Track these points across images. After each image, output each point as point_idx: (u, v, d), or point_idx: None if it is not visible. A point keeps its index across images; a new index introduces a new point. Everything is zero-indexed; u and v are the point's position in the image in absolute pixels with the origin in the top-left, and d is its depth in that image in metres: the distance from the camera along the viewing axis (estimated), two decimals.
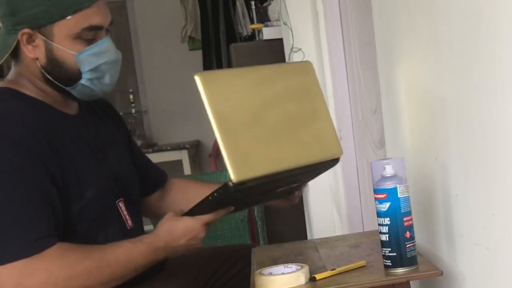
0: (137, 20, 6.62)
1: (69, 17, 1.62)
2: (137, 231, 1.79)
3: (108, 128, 1.84)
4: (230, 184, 1.47)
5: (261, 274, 1.53)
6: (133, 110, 6.50)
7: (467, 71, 1.31)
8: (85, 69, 1.66)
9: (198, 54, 5.83)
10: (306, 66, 1.74)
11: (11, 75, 1.71)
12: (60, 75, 1.66)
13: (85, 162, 1.66)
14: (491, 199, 1.27)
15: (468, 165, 1.38)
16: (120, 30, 6.63)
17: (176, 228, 1.62)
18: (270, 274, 1.53)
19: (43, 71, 1.66)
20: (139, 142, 6.23)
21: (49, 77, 1.67)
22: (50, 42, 1.63)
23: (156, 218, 1.98)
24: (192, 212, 1.63)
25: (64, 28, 1.63)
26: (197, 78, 1.46)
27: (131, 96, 6.48)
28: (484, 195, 1.31)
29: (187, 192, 2.00)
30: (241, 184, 1.46)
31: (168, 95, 6.49)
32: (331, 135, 1.71)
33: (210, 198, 1.57)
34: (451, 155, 1.47)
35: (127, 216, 1.75)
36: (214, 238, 3.05)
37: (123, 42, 6.63)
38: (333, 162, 1.72)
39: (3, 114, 1.60)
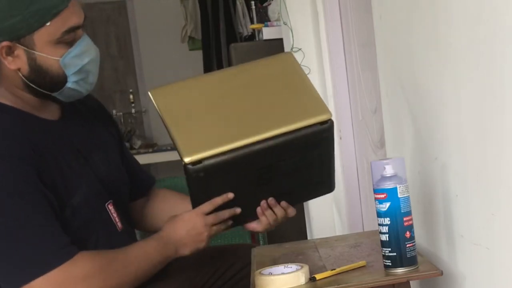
0: (137, 20, 6.63)
1: (48, 24, 1.58)
2: (128, 232, 1.80)
3: (94, 130, 1.82)
4: (184, 165, 1.56)
5: (261, 274, 1.53)
6: (133, 110, 6.50)
7: (467, 71, 1.31)
8: (70, 72, 1.63)
9: (198, 54, 5.83)
10: (285, 57, 1.74)
11: None
12: (45, 82, 1.63)
13: (70, 169, 1.65)
14: (491, 199, 1.27)
15: (468, 165, 1.38)
16: (120, 30, 6.63)
17: (176, 221, 1.70)
18: (270, 274, 1.53)
19: (26, 80, 1.63)
20: (139, 142, 6.24)
21: (32, 85, 1.63)
22: (32, 51, 1.59)
23: (138, 227, 1.99)
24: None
25: (45, 35, 1.59)
26: (149, 94, 1.72)
27: (131, 96, 6.49)
28: (484, 195, 1.31)
29: (171, 203, 1.98)
30: (196, 163, 1.55)
31: None
32: (314, 103, 1.63)
33: (190, 190, 1.65)
34: (451, 155, 1.47)
35: (117, 219, 1.75)
36: (214, 238, 3.05)
37: (123, 42, 6.63)
38: (322, 129, 1.60)
39: None
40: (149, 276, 1.68)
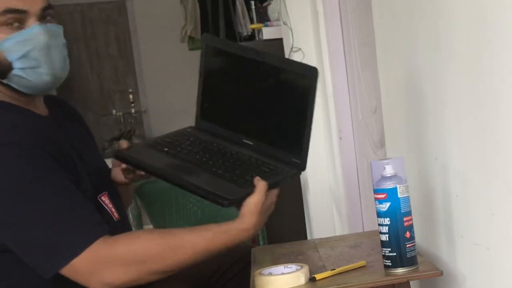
0: (137, 20, 6.62)
1: None
2: (124, 222, 1.80)
3: (77, 127, 1.84)
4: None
5: (261, 274, 1.53)
6: (133, 110, 6.50)
7: (467, 71, 1.31)
8: (12, 57, 1.60)
9: (198, 54, 5.81)
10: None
11: None
12: None
13: (73, 161, 1.66)
14: (491, 199, 1.27)
15: (468, 165, 1.38)
16: (120, 30, 6.63)
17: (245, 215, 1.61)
18: (270, 274, 1.53)
19: None
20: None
21: None
22: None
23: None
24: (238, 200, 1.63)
25: None
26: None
27: (131, 96, 6.48)
28: (484, 195, 1.31)
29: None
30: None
31: (168, 95, 6.49)
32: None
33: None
34: (451, 155, 1.47)
35: (112, 209, 1.75)
36: None
37: (123, 42, 6.63)
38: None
39: None
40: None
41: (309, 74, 1.63)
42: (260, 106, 1.75)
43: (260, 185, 1.59)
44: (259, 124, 1.75)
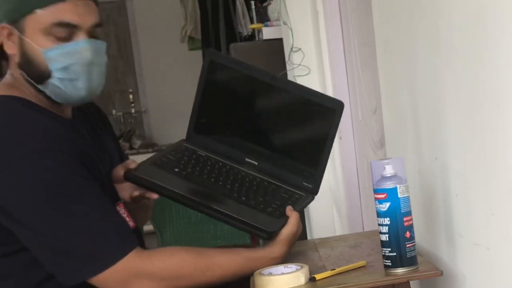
0: (137, 20, 6.63)
1: (38, 11, 1.57)
2: (138, 231, 1.79)
3: (98, 132, 1.83)
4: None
5: (261, 274, 1.53)
6: (133, 110, 6.50)
7: (467, 71, 1.31)
8: (53, 67, 1.60)
9: (198, 54, 5.83)
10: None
11: (6, 78, 1.66)
12: (31, 71, 1.62)
13: (96, 170, 1.66)
14: (491, 199, 1.27)
15: (468, 165, 1.38)
16: (120, 30, 6.63)
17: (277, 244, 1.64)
18: (270, 274, 1.53)
19: (17, 68, 1.63)
20: (138, 142, 6.24)
21: (25, 75, 1.62)
22: (22, 36, 1.59)
23: None
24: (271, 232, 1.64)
25: (34, 22, 1.58)
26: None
27: (131, 96, 6.49)
28: (484, 195, 1.31)
29: None
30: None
31: (168, 95, 6.49)
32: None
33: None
34: (451, 155, 1.47)
35: (128, 218, 1.75)
36: (214, 238, 3.05)
37: (123, 42, 6.64)
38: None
39: (28, 127, 1.58)
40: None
41: (334, 107, 1.68)
42: (272, 129, 1.77)
43: (294, 216, 1.63)
44: (267, 145, 1.77)
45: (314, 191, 1.73)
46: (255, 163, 1.75)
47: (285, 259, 1.64)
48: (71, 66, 1.61)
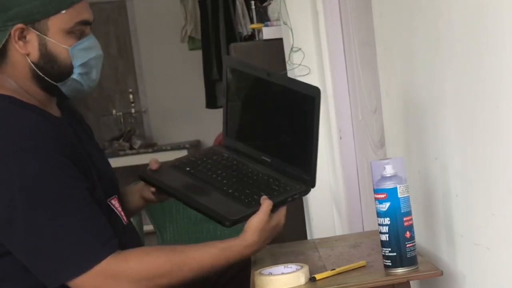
0: (137, 20, 6.62)
1: (64, 12, 1.63)
2: (131, 227, 1.81)
3: (85, 130, 1.85)
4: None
5: (261, 274, 1.53)
6: (133, 110, 6.49)
7: (467, 71, 1.31)
8: (77, 63, 1.67)
9: (198, 54, 5.82)
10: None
11: None
12: (52, 70, 1.66)
13: (88, 165, 1.66)
14: (491, 199, 1.27)
15: (468, 165, 1.38)
16: (120, 30, 6.63)
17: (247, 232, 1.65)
18: (270, 274, 1.53)
19: (34, 67, 1.64)
20: (139, 142, 6.24)
21: (40, 73, 1.65)
22: (44, 36, 1.63)
23: None
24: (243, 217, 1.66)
25: (59, 22, 1.63)
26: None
27: (131, 96, 6.48)
28: (484, 195, 1.31)
29: (129, 197, 1.98)
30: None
31: (168, 95, 6.48)
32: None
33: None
34: (451, 155, 1.47)
35: (122, 212, 1.76)
36: (214, 238, 3.05)
37: (123, 42, 6.63)
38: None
39: (15, 125, 1.59)
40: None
41: (312, 94, 1.68)
42: (274, 124, 1.83)
43: (266, 204, 1.63)
44: (274, 142, 1.82)
45: (312, 183, 1.72)
46: (268, 160, 1.79)
47: (262, 247, 1.65)
48: (90, 60, 1.69)
